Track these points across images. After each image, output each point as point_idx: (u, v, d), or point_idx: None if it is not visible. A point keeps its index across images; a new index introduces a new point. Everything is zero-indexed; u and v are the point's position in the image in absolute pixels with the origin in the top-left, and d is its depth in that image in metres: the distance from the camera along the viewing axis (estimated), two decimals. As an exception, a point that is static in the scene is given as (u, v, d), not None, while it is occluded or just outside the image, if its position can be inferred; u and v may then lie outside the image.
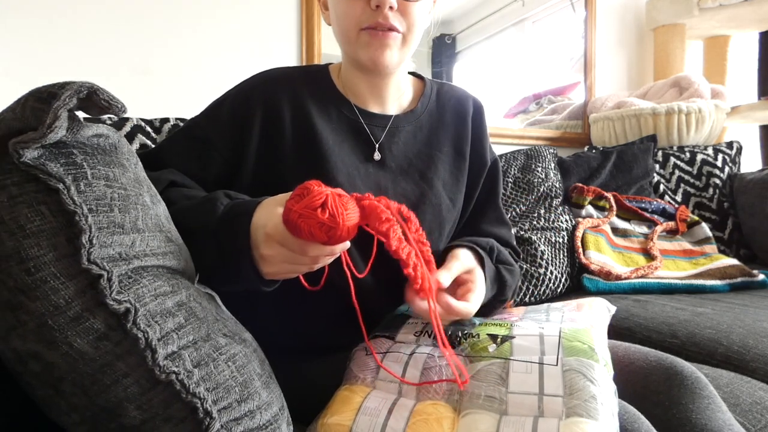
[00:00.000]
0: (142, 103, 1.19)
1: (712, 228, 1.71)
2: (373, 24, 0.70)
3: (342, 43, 0.77)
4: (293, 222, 0.49)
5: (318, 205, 0.49)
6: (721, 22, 2.12)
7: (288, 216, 0.50)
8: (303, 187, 0.51)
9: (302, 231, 0.49)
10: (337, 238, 0.50)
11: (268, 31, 1.45)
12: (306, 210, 0.49)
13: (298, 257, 0.53)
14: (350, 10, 0.71)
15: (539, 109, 2.08)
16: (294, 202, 0.50)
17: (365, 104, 0.81)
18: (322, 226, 0.49)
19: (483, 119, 0.89)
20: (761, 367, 0.90)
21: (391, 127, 0.81)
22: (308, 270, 0.57)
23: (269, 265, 0.55)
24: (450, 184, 0.83)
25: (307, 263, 0.55)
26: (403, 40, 0.73)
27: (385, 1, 0.69)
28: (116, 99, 0.46)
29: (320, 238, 0.50)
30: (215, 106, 0.79)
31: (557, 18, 2.09)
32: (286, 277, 0.58)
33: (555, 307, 0.73)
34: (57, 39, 1.16)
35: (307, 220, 0.49)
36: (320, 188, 0.50)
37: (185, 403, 0.43)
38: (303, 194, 0.50)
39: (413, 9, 0.72)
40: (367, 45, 0.72)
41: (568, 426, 0.50)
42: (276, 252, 0.53)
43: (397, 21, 0.71)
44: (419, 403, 0.57)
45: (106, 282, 0.41)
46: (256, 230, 0.55)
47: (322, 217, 0.49)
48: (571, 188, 1.63)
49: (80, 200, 0.42)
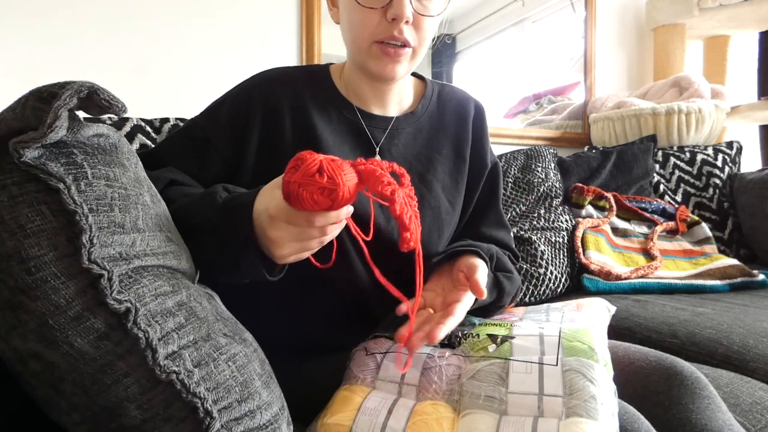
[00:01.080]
0: (142, 103, 1.19)
1: (712, 228, 1.71)
2: (387, 37, 0.70)
3: (352, 50, 0.76)
4: (294, 193, 0.49)
5: (315, 171, 0.48)
6: (721, 22, 2.12)
7: (288, 188, 0.49)
8: (296, 158, 0.50)
9: (305, 200, 0.49)
10: (340, 200, 0.50)
11: (268, 31, 1.45)
12: (304, 178, 0.48)
13: (306, 231, 0.53)
14: (366, 20, 0.70)
15: (539, 109, 2.08)
16: (291, 174, 0.49)
17: (366, 106, 0.81)
18: (323, 191, 0.49)
19: (484, 122, 0.89)
20: (761, 367, 0.90)
21: (391, 129, 0.80)
22: (319, 245, 0.56)
23: (279, 247, 0.54)
24: (449, 187, 0.83)
25: (316, 236, 0.54)
26: (413, 54, 0.73)
27: (402, 15, 0.68)
28: (117, 99, 0.46)
29: (324, 204, 0.49)
30: (215, 107, 0.79)
31: (557, 18, 2.09)
32: (297, 258, 0.57)
33: (555, 307, 0.73)
34: (57, 39, 1.16)
35: (308, 187, 0.48)
36: (313, 155, 0.50)
37: (185, 402, 0.43)
38: (297, 165, 0.49)
39: (427, 24, 0.72)
40: (377, 58, 0.72)
41: (567, 426, 0.50)
42: (284, 232, 0.53)
43: (411, 35, 0.71)
44: (419, 403, 0.57)
45: (107, 282, 0.41)
46: (260, 216, 0.55)
47: (321, 181, 0.48)
48: (571, 188, 1.63)
49: (81, 200, 0.42)
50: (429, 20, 0.72)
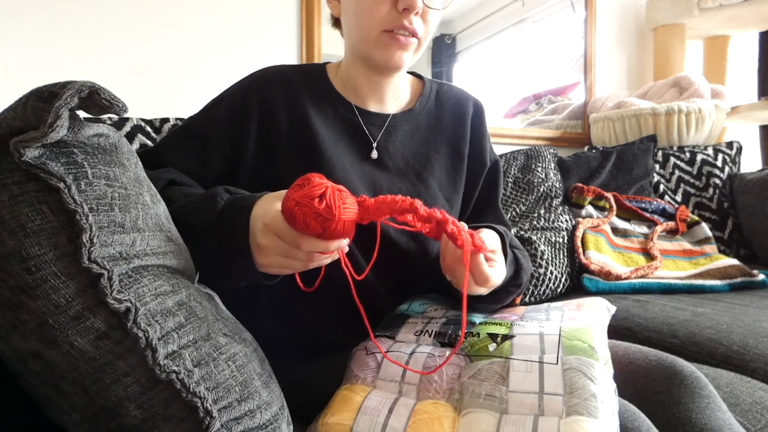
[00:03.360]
0: (142, 103, 1.19)
1: (712, 228, 1.71)
2: (396, 26, 0.71)
3: (356, 40, 0.76)
4: (290, 210, 0.49)
5: (316, 195, 0.48)
6: (721, 22, 2.12)
7: (286, 203, 0.49)
8: (304, 177, 0.50)
9: (297, 220, 0.49)
10: (331, 232, 0.49)
11: (268, 31, 1.45)
12: (304, 199, 0.48)
13: (292, 251, 0.53)
14: (375, 9, 0.70)
15: (539, 109, 2.08)
16: (294, 191, 0.50)
17: (364, 102, 0.81)
18: (317, 217, 0.48)
19: (483, 120, 0.89)
20: (761, 367, 0.90)
21: (388, 126, 0.81)
22: (302, 268, 0.56)
23: (263, 255, 0.55)
24: (446, 185, 0.83)
25: (300, 259, 0.54)
26: (418, 45, 0.75)
27: (414, 6, 0.69)
28: (117, 98, 0.46)
29: (315, 230, 0.49)
30: (213, 105, 0.79)
31: (557, 18, 2.09)
32: (279, 272, 0.57)
33: (555, 306, 0.73)
34: (57, 39, 1.16)
35: (303, 208, 0.48)
36: (321, 180, 0.50)
37: (185, 402, 0.43)
38: (303, 184, 0.50)
39: (433, 16, 0.73)
40: (386, 47, 0.72)
41: (568, 424, 0.50)
42: (271, 243, 0.53)
43: (419, 26, 0.72)
44: (420, 403, 0.57)
45: (107, 281, 0.41)
46: (255, 221, 0.55)
47: (318, 207, 0.48)
48: (571, 188, 1.63)
49: (81, 199, 0.42)
50: (435, 13, 0.73)
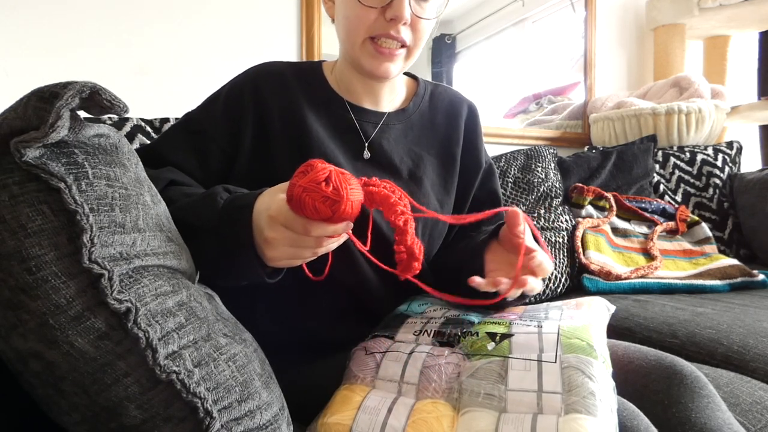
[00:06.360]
0: (142, 103, 1.19)
1: (712, 228, 1.71)
2: (382, 34, 0.70)
3: (345, 45, 0.76)
4: (297, 197, 0.49)
5: (322, 179, 0.49)
6: (721, 22, 2.12)
7: (292, 191, 0.50)
8: (306, 164, 0.51)
9: (306, 206, 0.49)
10: (341, 213, 0.50)
11: (268, 30, 1.45)
12: (310, 184, 0.49)
13: (301, 239, 0.53)
14: (363, 16, 0.70)
15: (539, 109, 2.08)
16: (298, 178, 0.50)
17: (358, 101, 0.81)
18: (326, 200, 0.49)
19: (477, 123, 0.89)
20: (761, 367, 0.90)
21: (382, 124, 0.81)
22: (312, 256, 0.56)
23: (272, 248, 0.54)
24: (438, 186, 0.83)
25: (311, 246, 0.54)
26: (407, 54, 0.74)
27: (401, 16, 0.68)
28: (118, 99, 0.46)
29: (324, 213, 0.50)
30: (211, 101, 0.79)
31: (557, 18, 2.09)
32: (289, 264, 0.57)
33: (554, 305, 0.73)
34: (57, 39, 1.17)
35: (312, 193, 0.49)
36: (324, 165, 0.50)
37: (185, 402, 0.43)
38: (307, 170, 0.50)
39: (423, 25, 0.72)
40: (371, 56, 0.72)
41: (567, 422, 0.50)
42: (280, 234, 0.53)
43: (407, 35, 0.71)
44: (419, 402, 0.57)
45: (107, 281, 0.41)
46: (259, 215, 0.55)
47: (326, 190, 0.49)
48: (571, 188, 1.63)
49: (81, 200, 0.42)
50: (425, 22, 0.72)
